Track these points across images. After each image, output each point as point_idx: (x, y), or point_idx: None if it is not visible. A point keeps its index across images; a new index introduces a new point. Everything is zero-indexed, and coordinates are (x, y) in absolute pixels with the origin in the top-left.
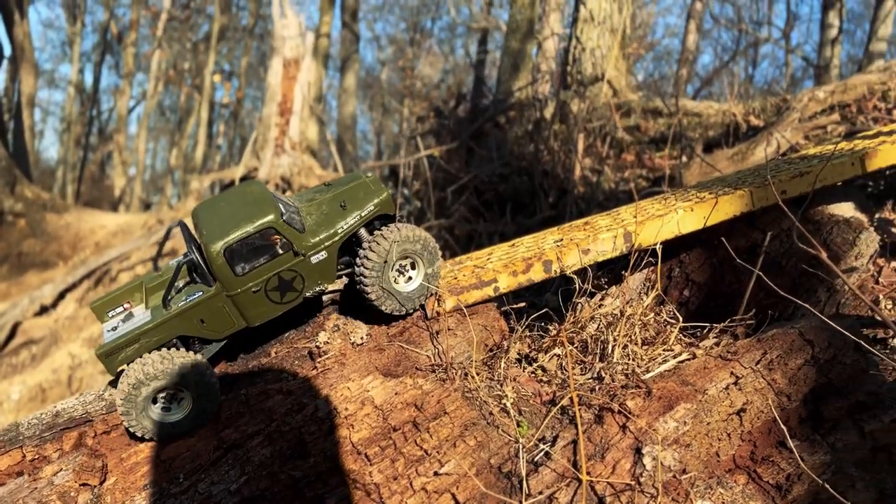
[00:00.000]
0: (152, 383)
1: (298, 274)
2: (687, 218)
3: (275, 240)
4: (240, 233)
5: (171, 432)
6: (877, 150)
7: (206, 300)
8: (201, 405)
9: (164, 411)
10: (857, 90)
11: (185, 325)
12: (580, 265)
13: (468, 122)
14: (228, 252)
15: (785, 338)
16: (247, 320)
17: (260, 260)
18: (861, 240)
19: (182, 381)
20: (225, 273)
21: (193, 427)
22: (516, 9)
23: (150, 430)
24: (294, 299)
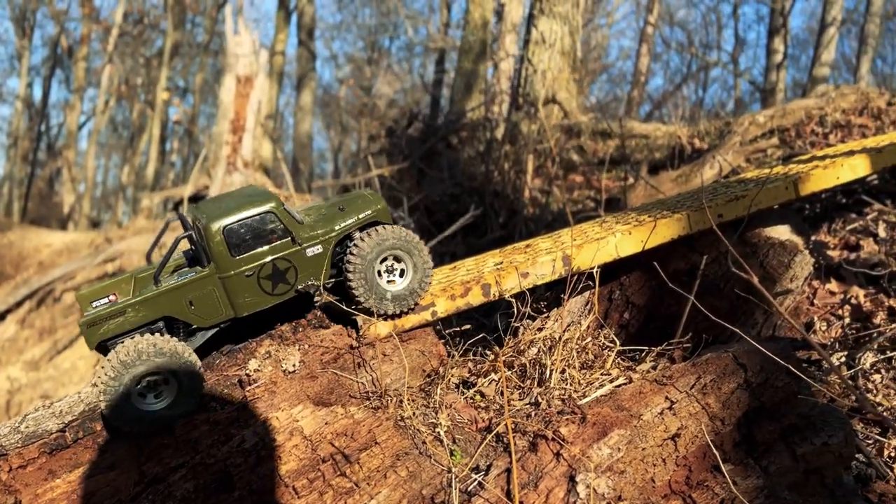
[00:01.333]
0: (140, 366)
1: (293, 265)
2: (625, 241)
3: (274, 228)
4: (241, 215)
5: (149, 424)
6: (809, 175)
7: (198, 280)
8: (184, 396)
9: (144, 399)
10: (795, 115)
11: (174, 304)
12: (519, 288)
13: (420, 142)
14: (227, 231)
15: (719, 362)
16: (235, 309)
17: (257, 244)
18: (796, 262)
19: (170, 366)
20: (221, 252)
21: (171, 420)
22: (469, 30)
23: (129, 419)
24: (284, 292)
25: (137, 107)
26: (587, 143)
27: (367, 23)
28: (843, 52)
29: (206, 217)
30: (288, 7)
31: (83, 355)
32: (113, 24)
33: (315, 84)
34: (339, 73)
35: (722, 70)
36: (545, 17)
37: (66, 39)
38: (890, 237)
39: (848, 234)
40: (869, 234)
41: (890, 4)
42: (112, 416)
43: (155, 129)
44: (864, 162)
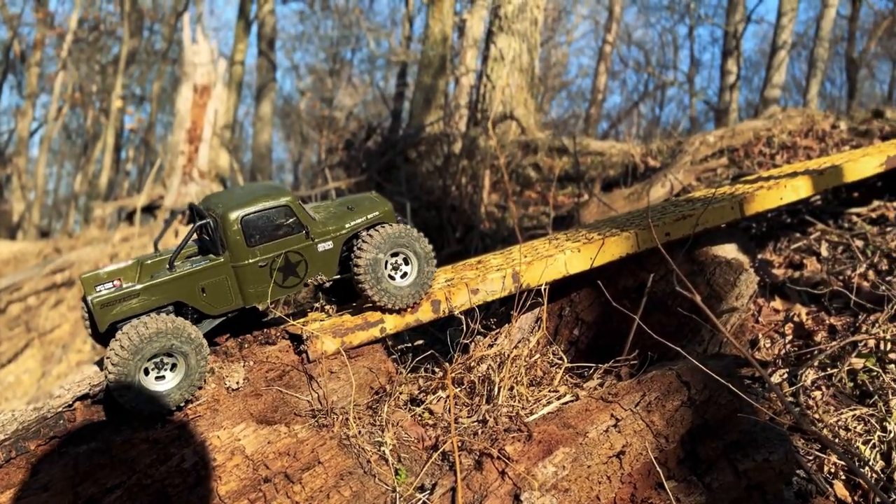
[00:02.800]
0: (153, 343)
1: (304, 259)
2: (574, 259)
3: (289, 222)
4: (259, 206)
5: (154, 404)
6: (754, 196)
7: (212, 267)
8: (191, 377)
9: (154, 379)
10: (744, 135)
11: (186, 290)
12: (469, 305)
13: (378, 155)
14: (245, 221)
15: (663, 379)
16: (244, 299)
17: (272, 236)
18: (741, 281)
19: (182, 346)
20: (238, 241)
21: (176, 404)
22: (428, 45)
23: (136, 399)
24: (294, 285)
25: (92, 114)
26: (543, 160)
27: (328, 34)
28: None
29: (222, 206)
30: (248, 17)
31: (28, 369)
32: (67, 30)
33: (275, 94)
34: (300, 84)
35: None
36: (504, 34)
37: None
38: (832, 256)
39: (792, 252)
40: (812, 254)
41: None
42: (120, 394)
43: (109, 137)
44: (807, 183)
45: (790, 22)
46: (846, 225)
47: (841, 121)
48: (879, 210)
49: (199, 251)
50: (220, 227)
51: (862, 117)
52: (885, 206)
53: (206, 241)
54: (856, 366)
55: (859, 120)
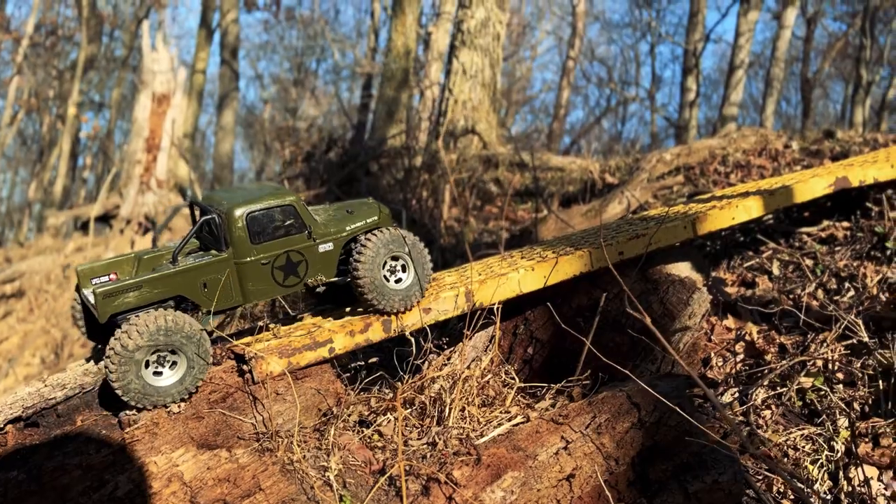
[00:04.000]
0: (155, 337)
1: (305, 259)
2: (528, 277)
3: (293, 221)
4: (265, 203)
5: (155, 398)
6: (707, 215)
7: (215, 263)
8: (193, 371)
9: (154, 374)
10: (700, 154)
11: (188, 285)
12: (421, 324)
13: (339, 167)
14: (250, 218)
15: (613, 401)
16: (244, 296)
17: (276, 234)
18: (694, 300)
19: (184, 341)
20: (242, 238)
21: (178, 397)
22: (391, 58)
23: (138, 393)
24: (294, 285)
25: (48, 120)
26: (504, 174)
27: (293, 44)
28: (751, 93)
29: (227, 203)
30: (210, 25)
31: None
32: (24, 35)
33: (237, 103)
34: (263, 94)
35: (639, 105)
36: (466, 49)
37: None
38: (783, 275)
39: (745, 270)
40: (764, 272)
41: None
42: (121, 388)
43: (65, 143)
44: (758, 204)
45: (747, 42)
46: (797, 244)
47: (793, 140)
48: (829, 230)
49: (200, 247)
50: (225, 223)
51: (814, 137)
52: (834, 225)
53: (208, 238)
54: (805, 385)
55: (811, 140)
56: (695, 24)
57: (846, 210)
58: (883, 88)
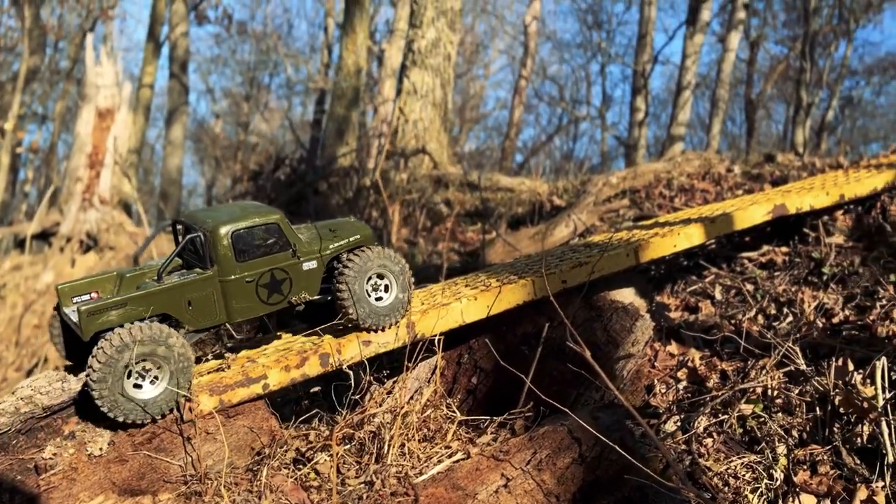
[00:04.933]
0: (136, 347)
1: (289, 277)
2: (471, 307)
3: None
4: (249, 222)
5: (139, 412)
6: (649, 243)
7: (200, 280)
8: (175, 386)
9: (136, 388)
10: (645, 177)
11: (173, 302)
12: (360, 357)
13: (287, 186)
14: (235, 236)
15: (554, 436)
16: (229, 314)
17: (260, 252)
18: (637, 327)
19: (161, 351)
20: (227, 256)
21: (161, 411)
22: (342, 76)
23: (120, 407)
24: (278, 303)
25: None
26: (455, 195)
27: (246, 59)
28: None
29: (212, 221)
30: (157, 39)
31: None
32: None
33: (187, 118)
34: (215, 107)
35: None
36: (417, 69)
37: None
38: (725, 300)
39: (688, 295)
40: (707, 297)
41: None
42: (104, 404)
43: (4, 157)
44: (699, 231)
45: (693, 64)
46: (738, 269)
47: (735, 165)
48: (769, 255)
49: (182, 266)
50: (210, 241)
51: (755, 161)
52: (774, 250)
53: (191, 257)
54: (745, 412)
55: (752, 163)
56: (643, 46)
57: (785, 235)
58: (822, 110)
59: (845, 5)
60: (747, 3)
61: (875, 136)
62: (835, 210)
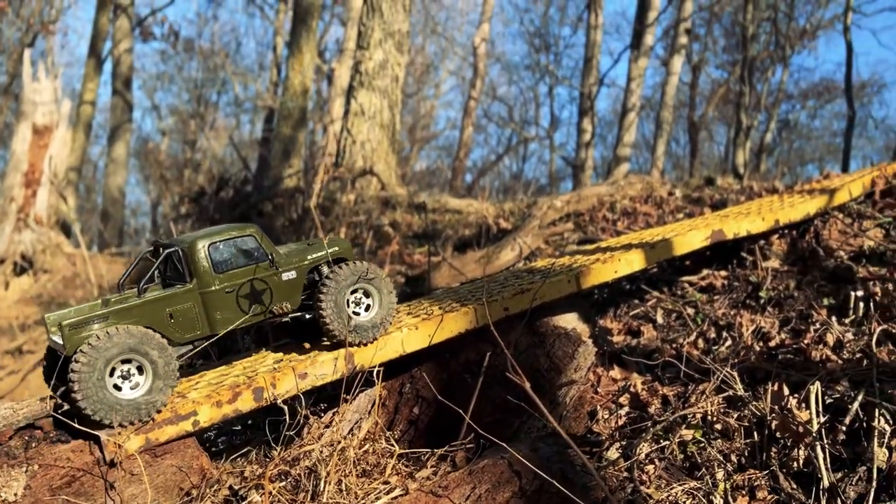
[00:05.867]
0: (112, 348)
1: (269, 287)
2: (411, 336)
3: (254, 250)
4: (225, 235)
5: (123, 413)
6: (590, 269)
7: (181, 293)
8: (158, 383)
9: (120, 389)
10: (589, 201)
11: (156, 315)
12: (296, 391)
13: (231, 208)
14: (213, 248)
15: (494, 469)
16: (211, 326)
17: (238, 263)
18: (579, 353)
19: (142, 349)
20: (205, 268)
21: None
22: (288, 96)
23: (106, 408)
24: (259, 313)
25: None
26: (402, 216)
27: (193, 76)
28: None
29: (190, 238)
30: (100, 55)
31: None
32: None
33: (130, 136)
34: (160, 125)
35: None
36: (364, 90)
37: None
38: (667, 324)
39: (631, 319)
40: (649, 321)
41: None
42: (88, 406)
43: None
44: (639, 257)
45: (638, 87)
46: (679, 292)
47: (677, 188)
48: (708, 279)
49: (163, 287)
50: (188, 255)
51: (696, 184)
52: (713, 274)
53: (170, 275)
54: (686, 437)
55: (693, 187)
56: (589, 69)
57: (724, 259)
58: (761, 132)
59: (781, 32)
60: (689, 28)
61: (811, 157)
62: (771, 234)
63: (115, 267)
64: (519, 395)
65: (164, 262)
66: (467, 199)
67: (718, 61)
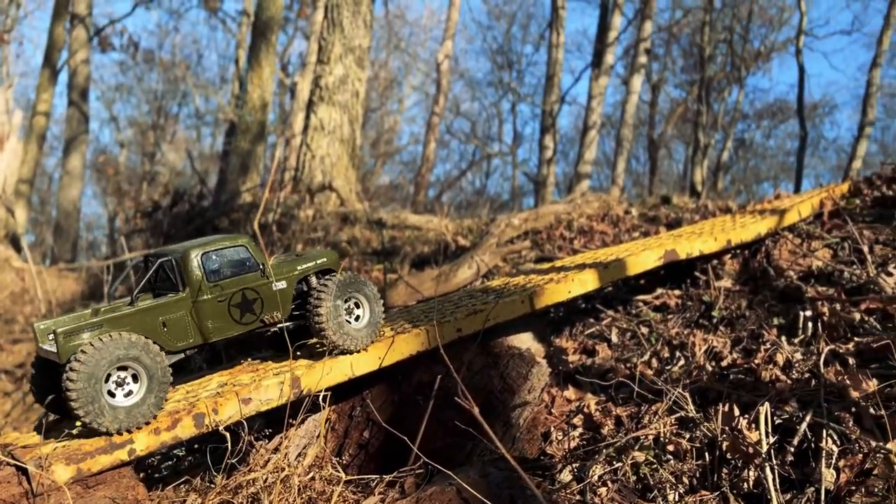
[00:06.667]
0: (113, 354)
1: (260, 297)
2: (361, 359)
3: (246, 260)
4: (218, 245)
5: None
6: (544, 289)
7: (173, 302)
8: (152, 391)
9: (116, 398)
10: (546, 219)
11: (148, 324)
12: (240, 417)
13: (185, 223)
14: (205, 257)
15: (442, 497)
16: (203, 334)
17: (230, 273)
18: (533, 373)
19: (137, 356)
20: (197, 276)
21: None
22: (247, 110)
23: (102, 415)
24: (251, 322)
25: None
26: (362, 232)
27: (153, 87)
28: (604, 151)
29: (182, 248)
30: (55, 65)
31: None
32: None
33: (86, 147)
34: (119, 137)
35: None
36: (324, 105)
37: None
38: (621, 343)
39: (586, 338)
40: (604, 340)
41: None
42: (84, 411)
43: None
44: (593, 277)
45: (599, 105)
46: (634, 311)
47: (633, 207)
48: (662, 298)
49: (153, 297)
50: (181, 264)
51: (652, 203)
52: (667, 293)
53: (162, 285)
54: (638, 459)
55: (649, 205)
56: (551, 87)
57: (678, 278)
58: (718, 151)
59: (737, 53)
60: (649, 48)
61: (766, 175)
62: (723, 254)
63: (66, 282)
64: (471, 418)
65: (155, 272)
66: (427, 215)
67: (677, 81)
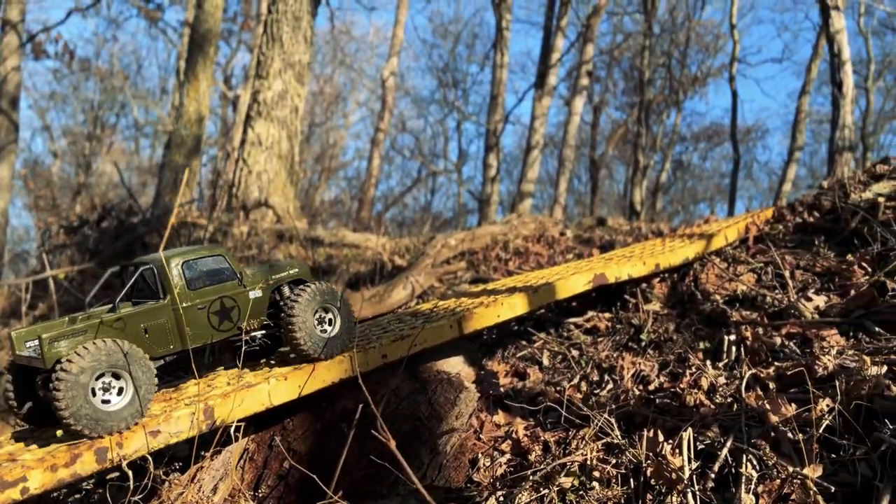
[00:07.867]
0: (98, 358)
1: (237, 305)
2: (280, 388)
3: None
4: (198, 254)
5: (109, 423)
6: (473, 314)
7: (156, 308)
8: (138, 396)
9: (104, 403)
10: (483, 240)
11: (130, 330)
12: (147, 450)
13: (113, 239)
14: (186, 265)
15: None
16: (182, 341)
17: (209, 281)
18: (461, 399)
19: (128, 363)
20: (179, 284)
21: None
22: (182, 124)
23: (89, 420)
24: (228, 330)
25: None
26: (299, 250)
27: (90, 97)
28: (547, 170)
29: (161, 258)
30: None
31: None
32: None
33: (15, 157)
34: (52, 146)
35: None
36: (262, 120)
37: None
38: (552, 366)
39: (518, 361)
40: (535, 363)
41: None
42: (72, 417)
43: None
44: (523, 301)
45: (542, 125)
46: (566, 334)
47: (568, 229)
48: (593, 320)
49: (132, 305)
50: (162, 272)
51: (587, 224)
52: (598, 316)
53: (141, 293)
54: (565, 485)
55: (585, 227)
56: (495, 106)
57: (609, 301)
58: (657, 171)
59: (675, 78)
60: (590, 71)
61: (703, 196)
62: (652, 278)
63: None
64: (398, 444)
65: (135, 280)
66: (366, 233)
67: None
